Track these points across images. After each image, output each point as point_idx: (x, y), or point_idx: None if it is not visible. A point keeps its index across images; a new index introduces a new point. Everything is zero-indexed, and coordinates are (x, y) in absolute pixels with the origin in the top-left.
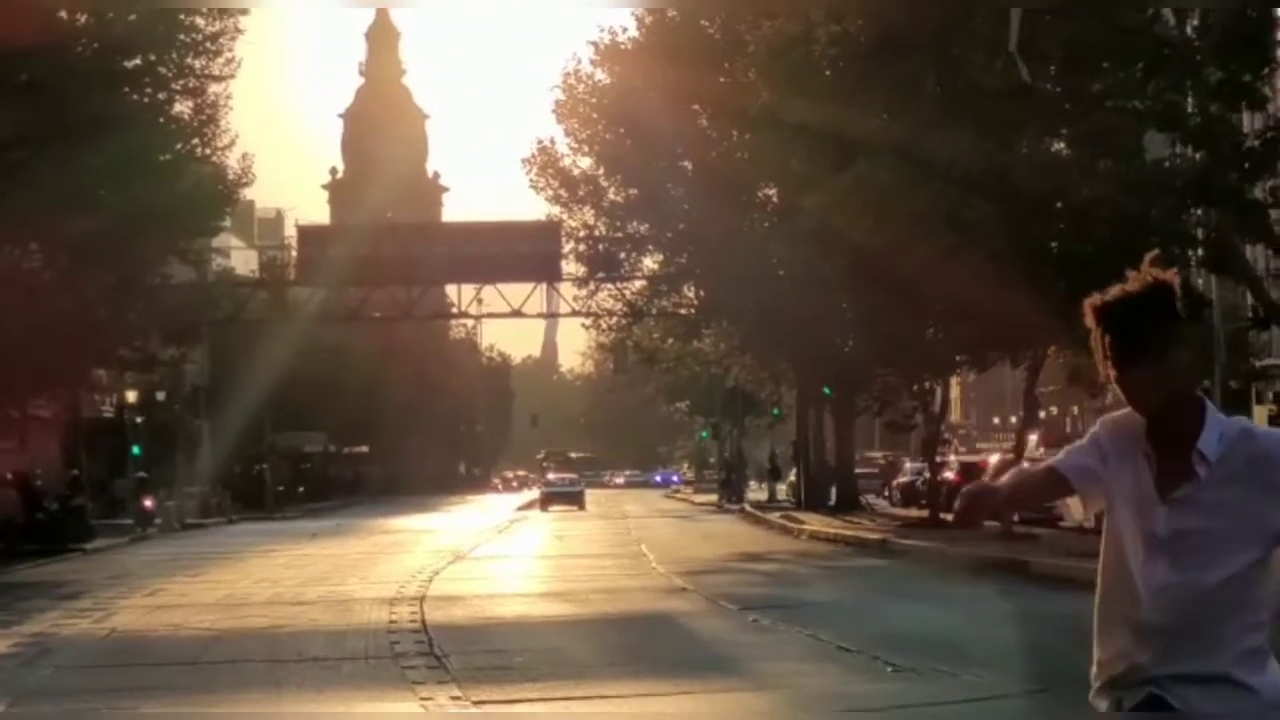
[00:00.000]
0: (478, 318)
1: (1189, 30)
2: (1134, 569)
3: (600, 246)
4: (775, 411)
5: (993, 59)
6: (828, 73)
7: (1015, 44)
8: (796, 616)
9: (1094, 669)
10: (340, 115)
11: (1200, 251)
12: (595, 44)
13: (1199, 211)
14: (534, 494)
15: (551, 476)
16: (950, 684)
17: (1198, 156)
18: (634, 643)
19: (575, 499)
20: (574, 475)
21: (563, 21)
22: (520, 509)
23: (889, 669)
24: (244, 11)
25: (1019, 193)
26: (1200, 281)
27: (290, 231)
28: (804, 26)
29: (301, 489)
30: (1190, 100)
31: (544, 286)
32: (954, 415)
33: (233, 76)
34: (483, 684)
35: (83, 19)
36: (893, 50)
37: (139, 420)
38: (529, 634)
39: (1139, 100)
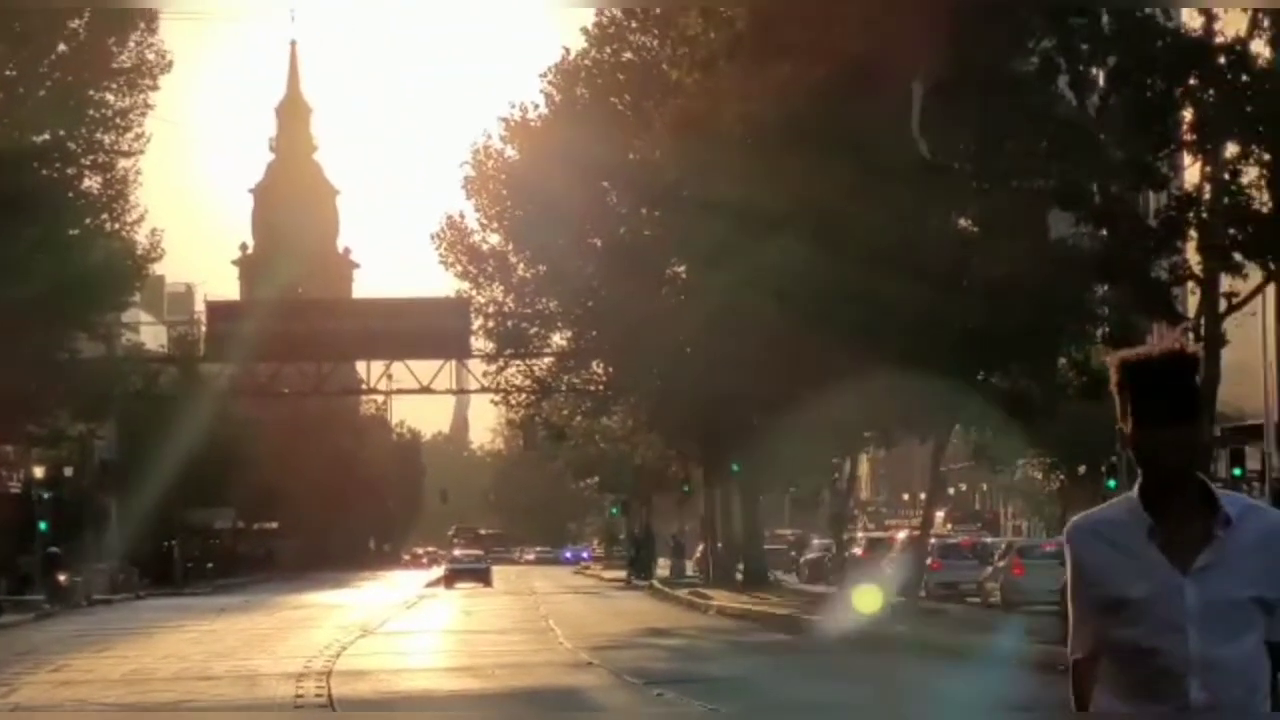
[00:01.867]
0: (387, 394)
1: (1090, 111)
2: (1166, 651)
3: (509, 323)
4: (684, 488)
5: (899, 138)
6: (734, 151)
7: (917, 123)
8: (700, 691)
9: None
10: (250, 190)
11: (1105, 329)
12: (505, 120)
13: (1103, 289)
14: (443, 570)
15: (457, 553)
16: None
17: (1101, 235)
18: (539, 717)
19: (481, 576)
20: (480, 552)
21: (473, 98)
22: (429, 585)
23: None
24: (154, 87)
25: (925, 270)
26: (1108, 359)
27: (200, 307)
28: (710, 105)
29: (211, 565)
30: (1093, 179)
31: (453, 363)
32: (863, 491)
33: (142, 152)
34: None
35: None
36: (799, 130)
37: (46, 496)
38: (435, 709)
39: (1043, 179)
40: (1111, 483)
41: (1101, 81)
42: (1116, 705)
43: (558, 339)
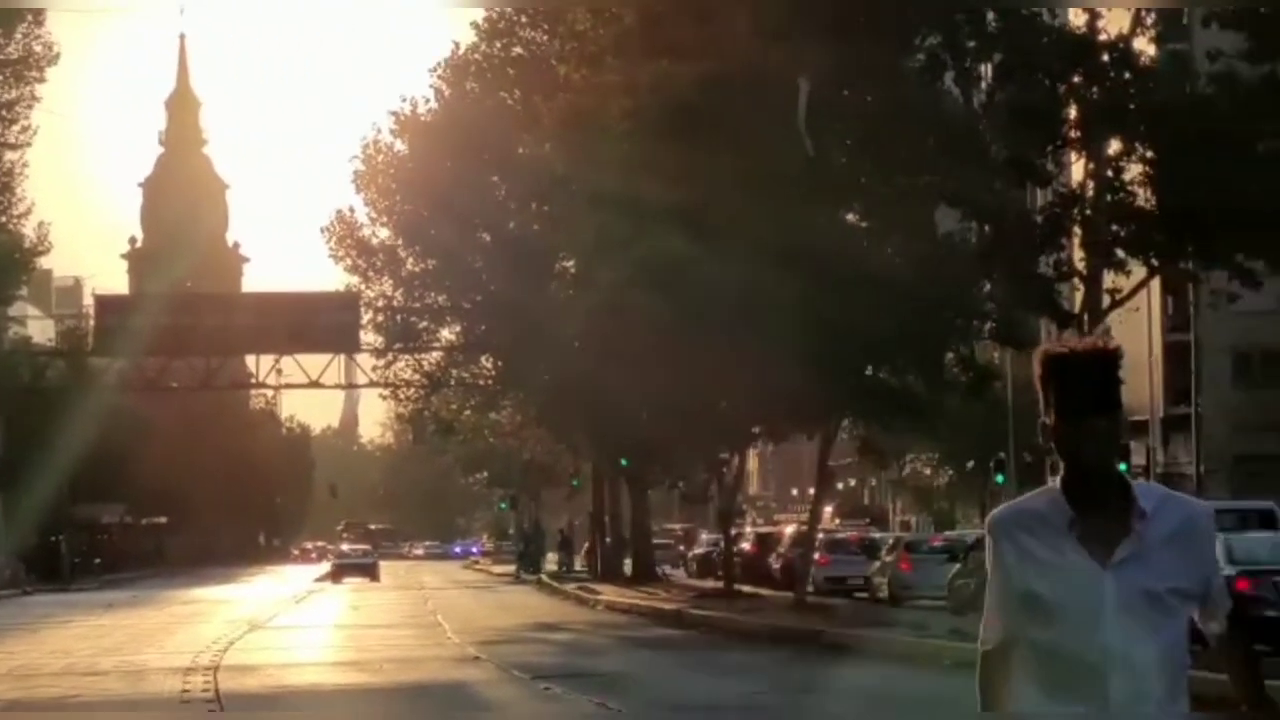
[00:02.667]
0: (277, 388)
1: (976, 108)
2: (1086, 645)
3: (398, 317)
4: (574, 482)
5: (786, 134)
6: (622, 146)
7: (802, 119)
8: (587, 685)
9: None
10: (140, 184)
11: (991, 325)
12: (395, 114)
13: (989, 285)
14: (330, 565)
15: (345, 548)
16: None
17: (987, 231)
18: (426, 711)
19: (368, 570)
20: (367, 547)
21: (364, 92)
22: (319, 579)
23: None
24: (41, 79)
25: (811, 265)
26: (996, 355)
27: (88, 300)
28: (598, 100)
29: (99, 560)
30: (979, 176)
31: (343, 357)
32: (753, 486)
33: (29, 144)
34: None
35: None
36: (686, 125)
37: None
38: (322, 703)
39: (930, 175)
40: (1000, 478)
41: (987, 79)
42: (1038, 700)
43: (447, 333)
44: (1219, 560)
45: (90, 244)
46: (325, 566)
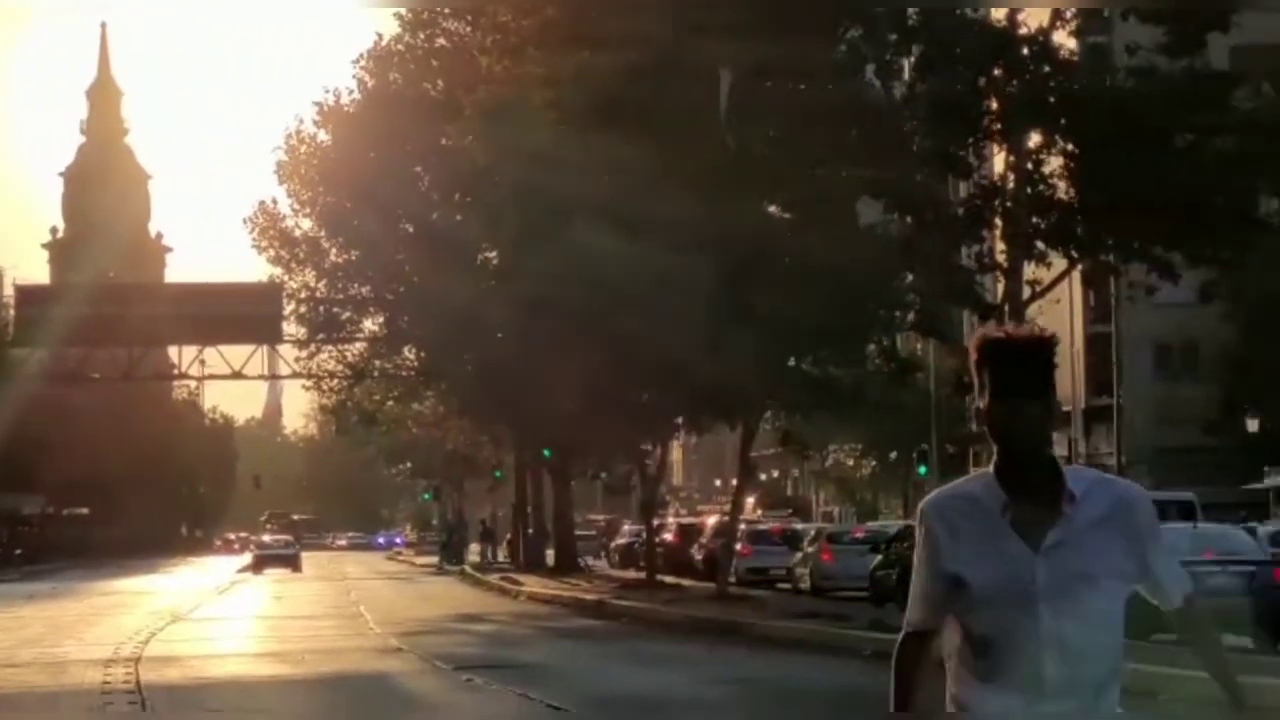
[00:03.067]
0: (200, 379)
1: (898, 100)
2: (1020, 628)
3: (321, 308)
4: (496, 473)
5: (709, 125)
6: (544, 138)
7: (724, 111)
8: (509, 676)
9: None
10: (61, 174)
11: (912, 316)
12: (319, 105)
13: (910, 277)
14: (251, 556)
15: (266, 539)
16: None
17: (909, 223)
18: (347, 702)
19: (290, 561)
20: (289, 537)
21: (288, 82)
22: (242, 570)
23: None
24: None
25: (734, 257)
26: (918, 346)
27: (9, 290)
28: (519, 92)
29: (19, 551)
30: (900, 168)
31: (266, 348)
32: (676, 477)
33: None
34: None
35: None
36: (609, 116)
37: None
38: (244, 694)
39: (852, 167)
40: (923, 469)
41: (908, 71)
42: (973, 686)
43: (370, 324)
44: (1163, 539)
45: (10, 234)
46: (249, 557)
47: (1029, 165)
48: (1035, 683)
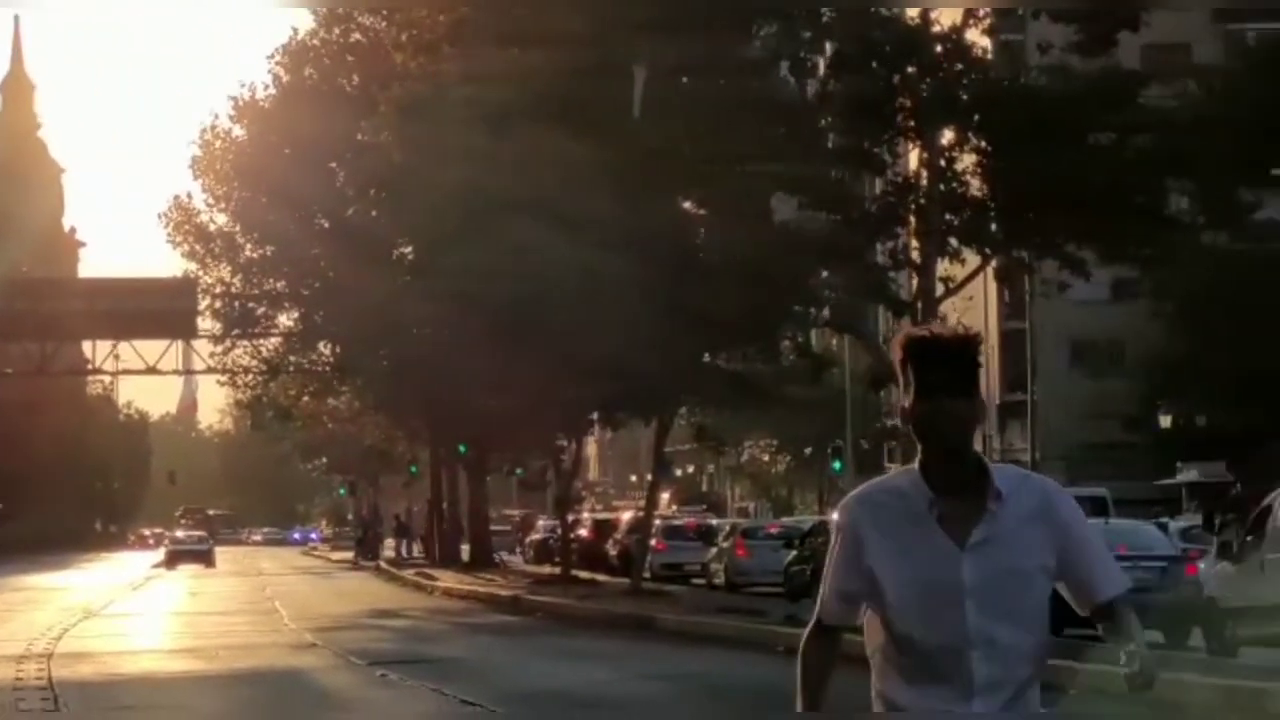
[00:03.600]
0: (114, 374)
1: (811, 97)
2: (946, 626)
3: (236, 303)
4: (412, 469)
5: (624, 121)
6: (460, 134)
7: (638, 107)
8: (423, 672)
9: None
10: None
11: (827, 312)
12: (234, 100)
13: (825, 273)
14: (164, 552)
15: (179, 534)
16: None
17: (822, 219)
18: (261, 698)
19: (203, 557)
20: (203, 533)
21: (202, 76)
22: (156, 566)
23: None
24: None
25: (650, 253)
26: (834, 342)
27: None
28: (435, 89)
29: None
30: (815, 165)
31: (180, 343)
32: (591, 473)
33: None
34: None
35: None
36: (523, 113)
37: None
38: (157, 690)
39: (767, 164)
40: (838, 465)
41: (823, 69)
42: (899, 685)
43: (285, 319)
44: (1093, 534)
45: None
46: (162, 553)
47: (942, 162)
48: (962, 681)
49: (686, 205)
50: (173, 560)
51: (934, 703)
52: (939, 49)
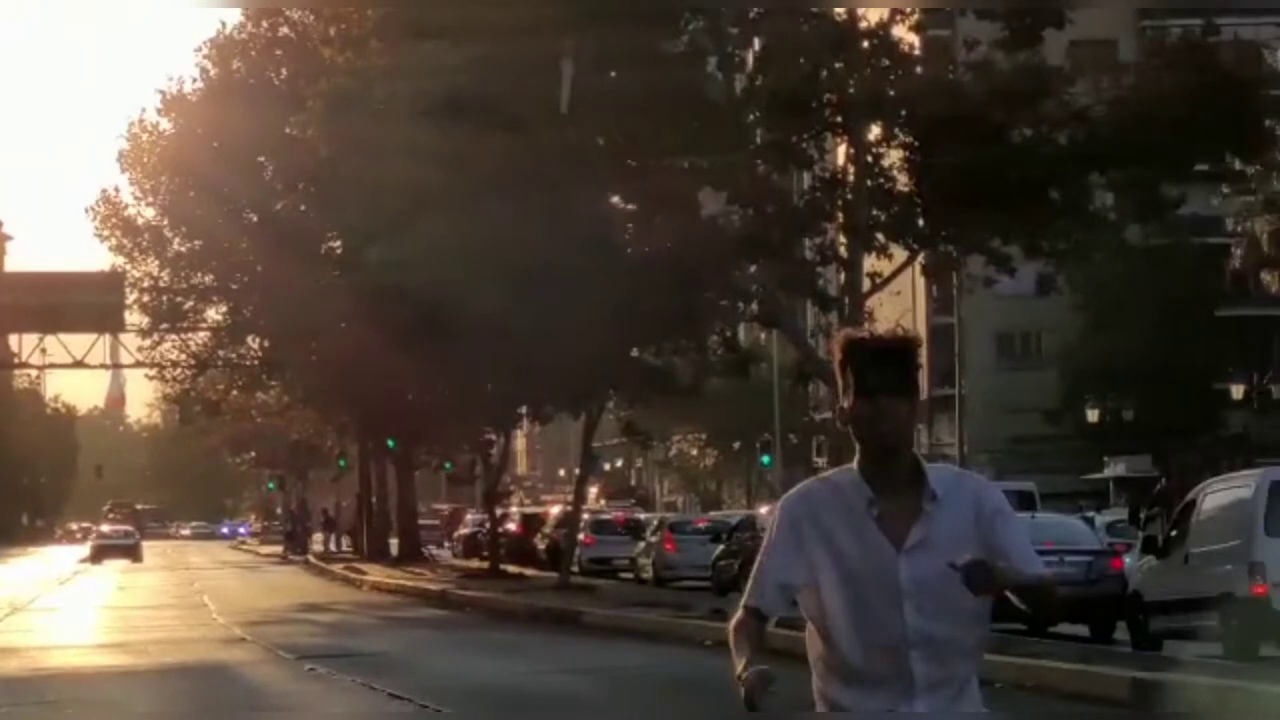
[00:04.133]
0: (41, 368)
1: (738, 92)
2: (884, 626)
3: (164, 297)
4: (341, 463)
5: (549, 116)
6: (387, 129)
7: (565, 102)
8: (352, 666)
9: None
10: None
11: (754, 307)
12: (162, 93)
13: (754, 268)
14: (90, 546)
15: (105, 529)
16: None
17: (749, 214)
18: (190, 692)
19: (130, 551)
20: (129, 527)
21: (132, 69)
22: (83, 560)
23: (439, 715)
24: None
25: (576, 247)
26: (762, 336)
27: None
28: (362, 84)
29: None
30: (741, 160)
31: (108, 337)
32: (520, 467)
33: None
34: None
35: None
36: (450, 108)
37: None
38: (85, 685)
39: (694, 158)
40: (766, 459)
41: (750, 64)
42: (839, 686)
43: (213, 314)
44: (1015, 521)
45: None
46: (89, 548)
47: (869, 158)
48: (902, 681)
49: (614, 200)
50: (99, 555)
51: (876, 703)
52: (866, 45)
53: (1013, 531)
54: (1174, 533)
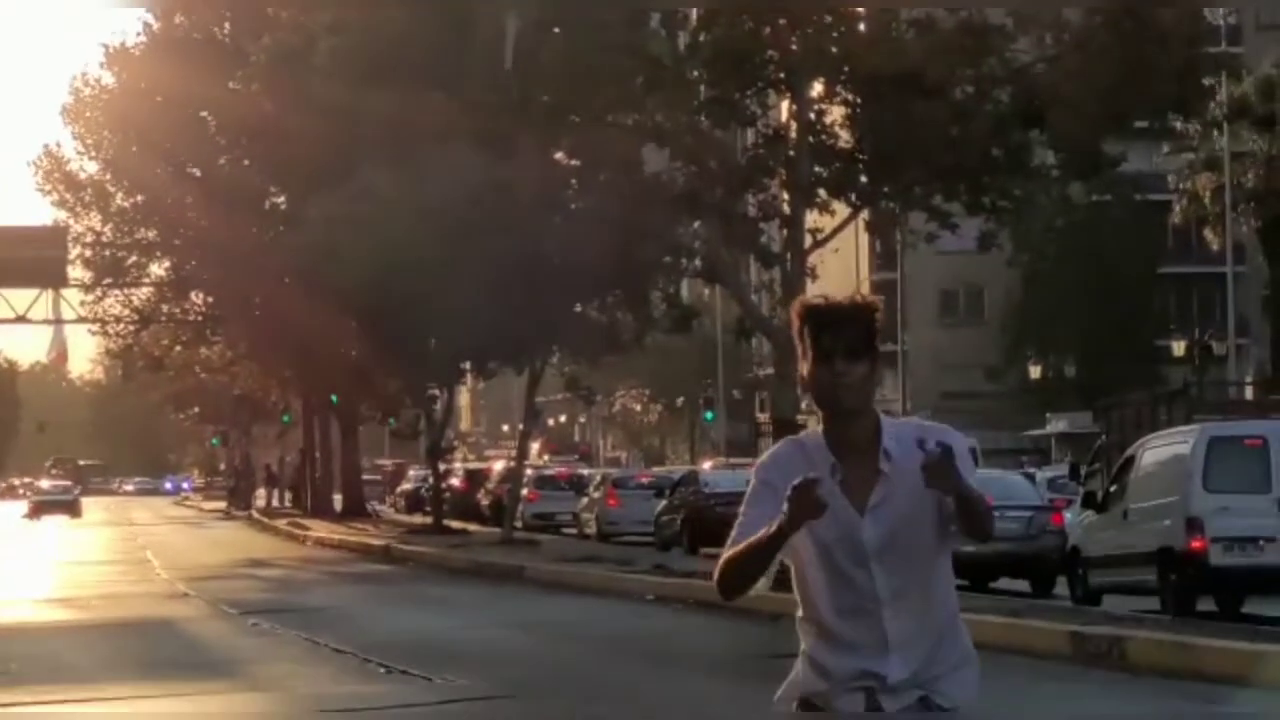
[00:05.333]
0: None
1: (681, 49)
2: (856, 587)
3: (107, 252)
4: (285, 418)
5: (492, 73)
6: (330, 85)
7: (510, 58)
8: (296, 621)
9: (809, 682)
10: None
11: (696, 263)
12: (105, 47)
13: (697, 224)
14: (28, 502)
15: (44, 484)
16: (427, 687)
17: (692, 170)
18: (133, 647)
19: (69, 507)
20: (68, 483)
21: (75, 23)
22: (25, 516)
23: (382, 670)
24: None
25: (519, 203)
26: (706, 292)
27: None
28: (305, 40)
29: None
30: (683, 116)
31: (50, 292)
32: (464, 423)
33: None
34: None
35: None
36: (392, 64)
37: None
38: (27, 640)
39: (636, 115)
40: (709, 415)
41: (693, 20)
42: (821, 649)
43: (157, 269)
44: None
45: None
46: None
47: (811, 115)
48: (876, 639)
49: (557, 157)
50: (37, 511)
51: (853, 664)
52: (808, 1)
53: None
54: (1113, 488)
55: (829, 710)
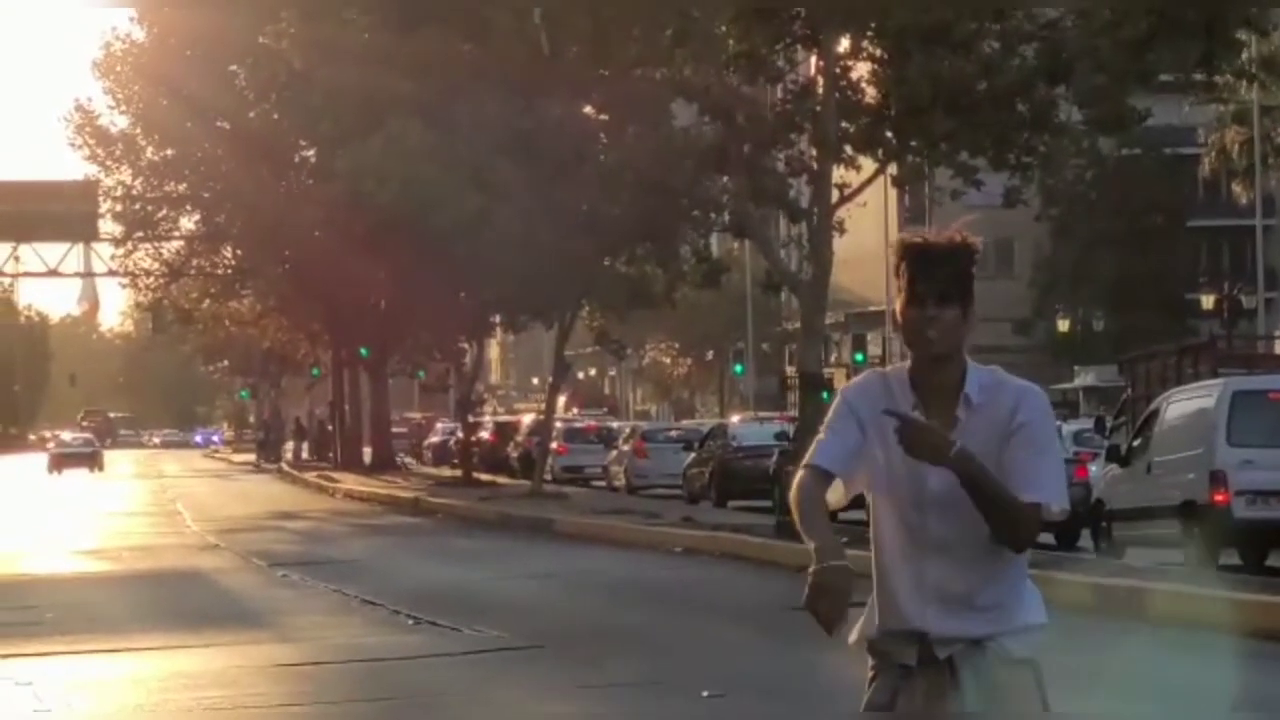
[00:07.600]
0: (14, 276)
1: (709, 3)
2: (911, 526)
3: (138, 206)
4: (314, 371)
5: (522, 25)
6: (366, 36)
7: (538, 11)
8: (325, 572)
9: (874, 623)
10: None
11: (725, 218)
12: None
13: (725, 179)
14: (49, 454)
15: (65, 436)
16: (457, 638)
17: (720, 126)
18: (165, 598)
19: (90, 460)
20: (89, 435)
21: None
22: (47, 470)
23: (411, 621)
24: None
25: (549, 157)
26: (735, 247)
27: None
28: None
29: None
30: (711, 71)
31: (81, 245)
32: (494, 376)
33: None
34: (11, 639)
35: None
36: (423, 18)
37: None
38: (60, 590)
39: (665, 69)
40: (739, 368)
41: None
42: (879, 593)
43: (187, 222)
44: (1045, 444)
45: None
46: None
47: (837, 70)
48: (920, 590)
49: (587, 110)
50: (58, 464)
51: (897, 612)
52: None
53: (1027, 447)
54: (1137, 442)
55: (888, 656)
